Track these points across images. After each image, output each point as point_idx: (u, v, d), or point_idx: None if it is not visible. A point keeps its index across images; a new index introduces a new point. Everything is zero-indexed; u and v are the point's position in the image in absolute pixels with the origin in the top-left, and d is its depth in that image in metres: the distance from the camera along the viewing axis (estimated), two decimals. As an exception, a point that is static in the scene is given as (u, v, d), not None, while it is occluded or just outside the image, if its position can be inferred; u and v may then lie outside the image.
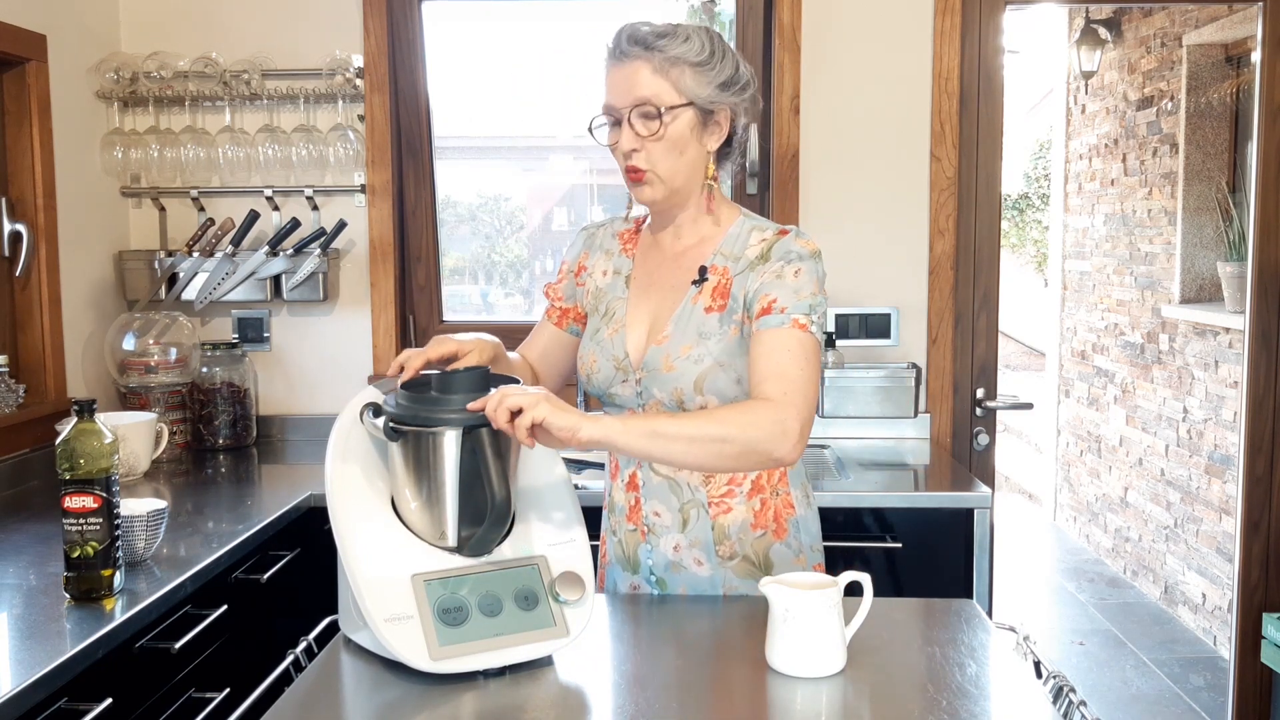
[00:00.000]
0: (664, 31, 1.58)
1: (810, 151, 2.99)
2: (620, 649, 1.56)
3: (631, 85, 1.58)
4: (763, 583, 1.40)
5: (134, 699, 1.73)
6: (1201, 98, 4.80)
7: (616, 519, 1.76)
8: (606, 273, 1.77)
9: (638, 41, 1.57)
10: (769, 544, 1.70)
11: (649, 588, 1.73)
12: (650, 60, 1.57)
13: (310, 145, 2.97)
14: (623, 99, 1.59)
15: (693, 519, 1.69)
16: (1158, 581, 5.08)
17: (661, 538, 1.71)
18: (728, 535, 1.68)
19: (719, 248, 1.67)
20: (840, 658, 1.39)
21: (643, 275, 1.74)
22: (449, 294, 3.34)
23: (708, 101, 1.60)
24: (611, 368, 1.70)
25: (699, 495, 1.69)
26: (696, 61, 1.58)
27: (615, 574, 1.77)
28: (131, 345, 2.83)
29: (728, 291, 1.64)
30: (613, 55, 1.60)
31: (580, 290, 1.80)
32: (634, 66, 1.57)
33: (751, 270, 1.63)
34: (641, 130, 1.59)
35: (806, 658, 1.38)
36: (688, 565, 1.70)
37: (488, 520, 1.39)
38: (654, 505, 1.70)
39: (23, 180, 2.65)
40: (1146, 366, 5.25)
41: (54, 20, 2.73)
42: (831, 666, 1.38)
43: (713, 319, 1.64)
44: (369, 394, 1.51)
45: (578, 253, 1.82)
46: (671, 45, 1.57)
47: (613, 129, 1.62)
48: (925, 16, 2.95)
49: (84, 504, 1.66)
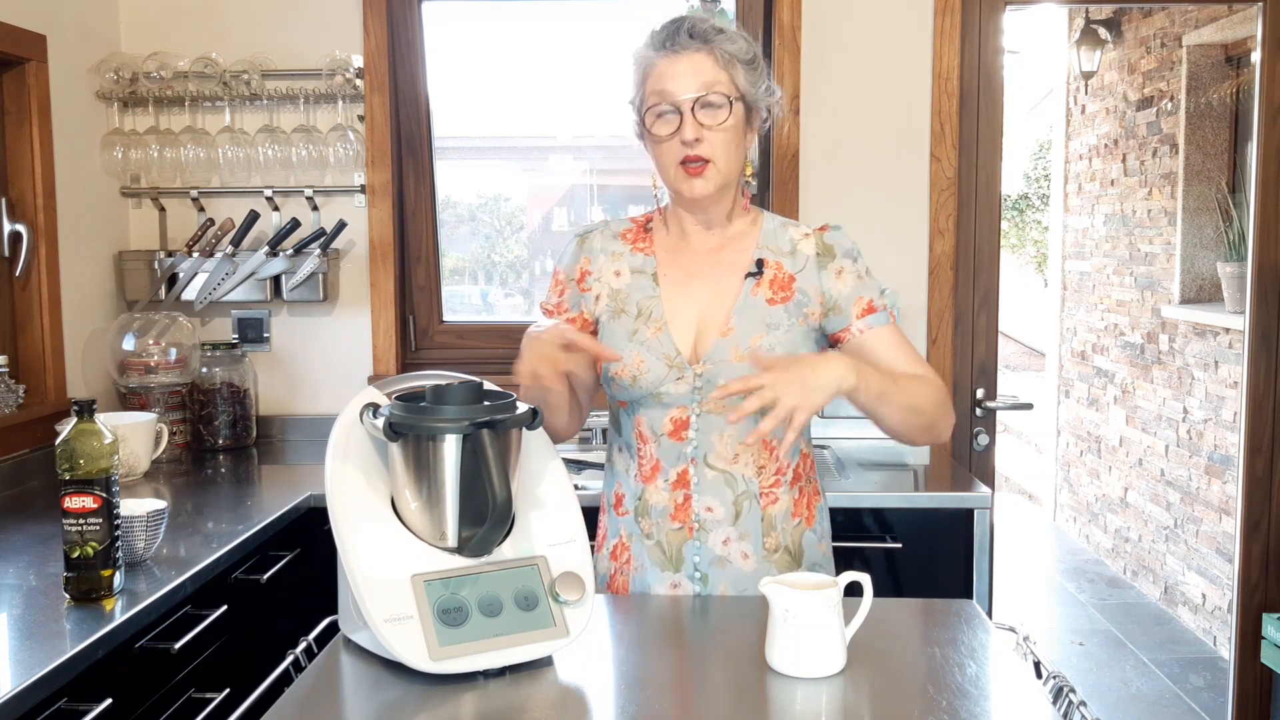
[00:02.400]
0: (720, 27, 1.63)
1: (810, 151, 2.99)
2: (620, 649, 1.56)
3: (696, 73, 1.60)
4: (763, 583, 1.40)
5: (134, 699, 1.73)
6: (1201, 98, 4.80)
7: (653, 521, 1.72)
8: (620, 273, 1.75)
9: (697, 35, 1.61)
10: (802, 531, 1.74)
11: (692, 585, 1.72)
12: (712, 53, 1.61)
13: (310, 145, 2.97)
14: (686, 87, 1.60)
15: (745, 510, 1.70)
16: (1158, 582, 5.08)
17: (711, 533, 1.70)
18: (774, 526, 1.71)
19: (761, 242, 1.72)
20: (840, 658, 1.39)
21: (675, 272, 1.73)
22: (449, 294, 3.34)
23: (754, 99, 1.66)
24: (663, 366, 1.68)
25: (752, 486, 1.70)
26: (746, 60, 1.64)
27: (650, 577, 1.74)
28: (131, 345, 2.83)
29: (789, 285, 1.69)
30: (666, 47, 1.61)
31: (586, 296, 1.76)
32: (696, 58, 1.60)
33: (821, 269, 1.70)
34: (706, 119, 1.61)
35: (806, 658, 1.38)
36: (733, 559, 1.70)
37: (488, 521, 1.39)
38: (706, 501, 1.70)
39: (23, 180, 2.65)
40: (1146, 367, 5.25)
41: (54, 20, 2.73)
42: (831, 667, 1.38)
43: (778, 310, 1.68)
44: (369, 394, 1.51)
45: (574, 261, 1.78)
46: (726, 42, 1.62)
47: (666, 119, 1.62)
48: (925, 16, 2.95)
49: (84, 504, 1.66)
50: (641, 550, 1.75)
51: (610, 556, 1.79)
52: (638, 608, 1.69)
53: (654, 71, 1.62)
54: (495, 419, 1.40)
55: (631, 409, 1.73)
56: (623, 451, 1.77)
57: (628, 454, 1.76)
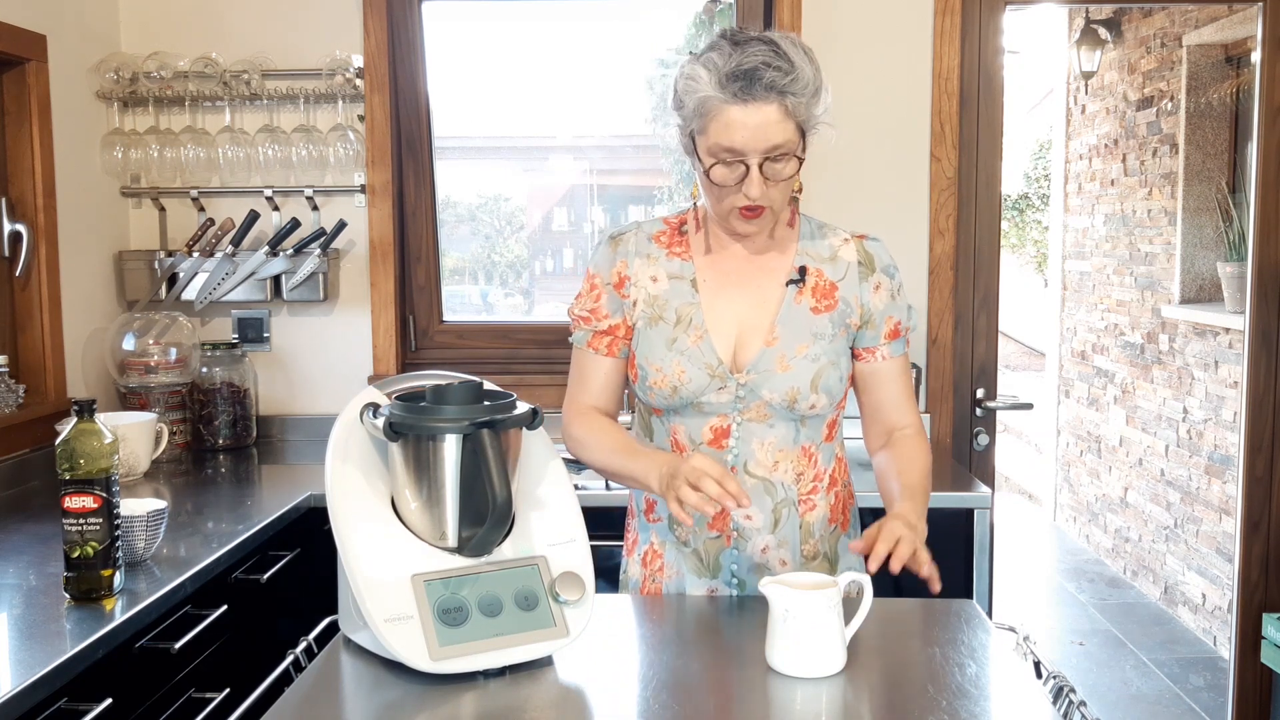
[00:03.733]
0: (786, 70, 1.52)
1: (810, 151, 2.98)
2: (620, 649, 1.55)
3: (768, 130, 1.53)
4: (763, 583, 1.40)
5: (134, 699, 1.73)
6: (1201, 98, 4.80)
7: (688, 531, 1.71)
8: (658, 278, 1.69)
9: (772, 88, 1.52)
10: (838, 537, 1.74)
11: (728, 589, 1.72)
12: (783, 104, 1.53)
13: (310, 145, 2.97)
14: (755, 144, 1.54)
15: (784, 518, 1.70)
16: (1158, 582, 5.08)
17: (750, 540, 1.70)
18: (812, 533, 1.71)
19: (801, 248, 1.70)
20: (840, 658, 1.39)
21: (715, 278, 1.69)
22: (449, 294, 3.34)
23: (814, 123, 1.61)
24: (705, 375, 1.65)
25: (790, 493, 1.70)
26: (813, 91, 1.56)
27: (686, 583, 1.72)
28: (131, 345, 2.83)
29: (831, 293, 1.68)
30: (737, 95, 1.52)
31: (625, 303, 1.70)
32: (768, 110, 1.53)
33: (862, 280, 1.70)
34: (773, 175, 1.57)
35: (806, 658, 1.38)
36: (773, 566, 1.70)
37: (489, 521, 1.39)
38: (746, 509, 1.65)
39: (23, 180, 2.65)
40: (1146, 367, 5.25)
41: (54, 20, 2.73)
42: (831, 667, 1.38)
43: (823, 320, 1.67)
44: (369, 394, 1.51)
45: (611, 264, 1.71)
46: (796, 86, 1.53)
47: (731, 168, 1.56)
48: (925, 17, 2.95)
49: (84, 504, 1.66)
50: (678, 558, 1.73)
51: (641, 563, 1.77)
52: (638, 608, 1.69)
53: (722, 117, 1.53)
54: (495, 419, 1.40)
55: (667, 417, 1.70)
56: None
57: None
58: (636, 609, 1.69)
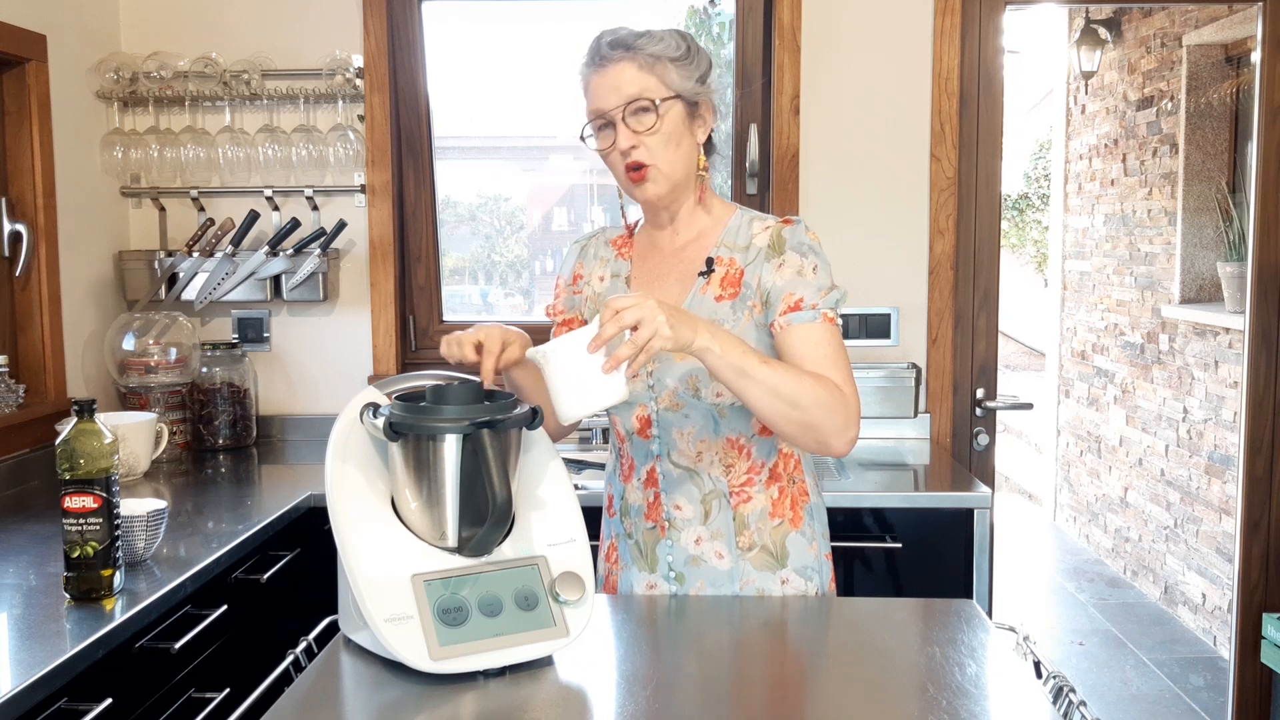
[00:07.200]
0: (640, 33, 1.64)
1: (810, 151, 2.99)
2: (620, 649, 1.55)
3: (620, 84, 1.62)
4: (529, 351, 1.46)
5: (134, 699, 1.73)
6: (1201, 98, 4.80)
7: (632, 521, 1.76)
8: (604, 278, 1.80)
9: (618, 44, 1.62)
10: (786, 532, 1.72)
11: (667, 585, 1.73)
12: (635, 59, 1.62)
13: (310, 145, 2.97)
14: (612, 99, 1.62)
15: (714, 510, 1.70)
16: (1158, 582, 5.09)
17: (682, 532, 1.71)
18: (748, 525, 1.70)
19: (721, 239, 1.72)
20: (618, 386, 1.41)
21: (643, 274, 1.76)
22: (449, 294, 3.34)
23: (692, 94, 1.66)
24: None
25: (720, 485, 1.70)
26: (676, 57, 1.64)
27: (630, 576, 1.76)
28: (131, 345, 2.83)
29: (738, 280, 1.68)
30: (593, 63, 1.64)
31: (578, 299, 1.83)
32: (619, 68, 1.62)
33: (767, 261, 1.67)
34: (637, 126, 1.62)
35: (581, 394, 1.41)
36: (708, 559, 1.71)
37: (488, 521, 1.39)
38: (675, 499, 1.71)
39: (23, 180, 2.65)
40: (1146, 366, 5.25)
41: (54, 20, 2.73)
42: (609, 396, 1.41)
43: (724, 307, 1.68)
44: (369, 394, 1.51)
45: (572, 265, 1.85)
46: (650, 44, 1.62)
47: (604, 133, 1.65)
48: (925, 16, 2.95)
49: (84, 504, 1.66)
50: (625, 550, 1.77)
51: (605, 557, 1.82)
52: (638, 608, 1.70)
53: (588, 89, 1.66)
54: (495, 419, 1.40)
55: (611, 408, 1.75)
56: (612, 452, 1.82)
57: (614, 454, 1.81)
58: (637, 609, 1.69)
